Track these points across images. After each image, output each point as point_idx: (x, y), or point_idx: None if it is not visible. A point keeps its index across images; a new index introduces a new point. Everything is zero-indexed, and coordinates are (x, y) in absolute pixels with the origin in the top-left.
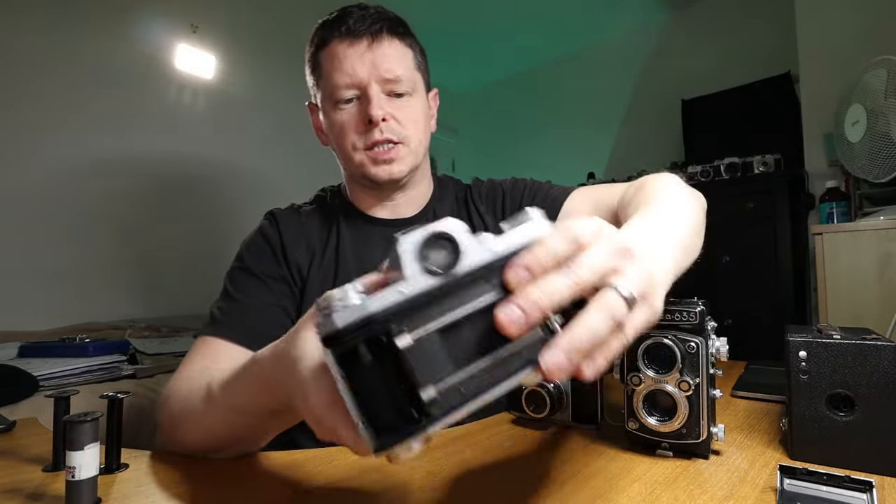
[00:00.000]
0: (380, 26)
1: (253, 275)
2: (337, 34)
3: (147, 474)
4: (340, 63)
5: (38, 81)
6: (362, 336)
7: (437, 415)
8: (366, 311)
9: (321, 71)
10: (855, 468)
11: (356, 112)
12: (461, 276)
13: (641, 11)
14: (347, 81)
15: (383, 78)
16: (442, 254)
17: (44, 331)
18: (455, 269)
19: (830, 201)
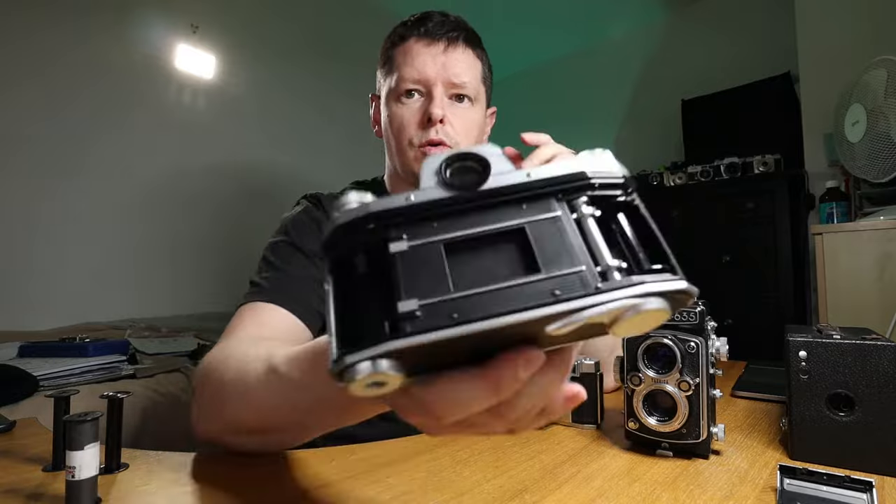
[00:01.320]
0: (457, 34)
1: (298, 249)
2: (415, 33)
3: (147, 474)
4: (413, 59)
5: (37, 80)
6: (357, 239)
7: (408, 330)
8: (365, 210)
9: (392, 65)
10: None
11: (417, 109)
12: (485, 192)
13: (641, 11)
14: (415, 77)
15: (450, 81)
16: (469, 175)
17: (44, 331)
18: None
19: (830, 201)
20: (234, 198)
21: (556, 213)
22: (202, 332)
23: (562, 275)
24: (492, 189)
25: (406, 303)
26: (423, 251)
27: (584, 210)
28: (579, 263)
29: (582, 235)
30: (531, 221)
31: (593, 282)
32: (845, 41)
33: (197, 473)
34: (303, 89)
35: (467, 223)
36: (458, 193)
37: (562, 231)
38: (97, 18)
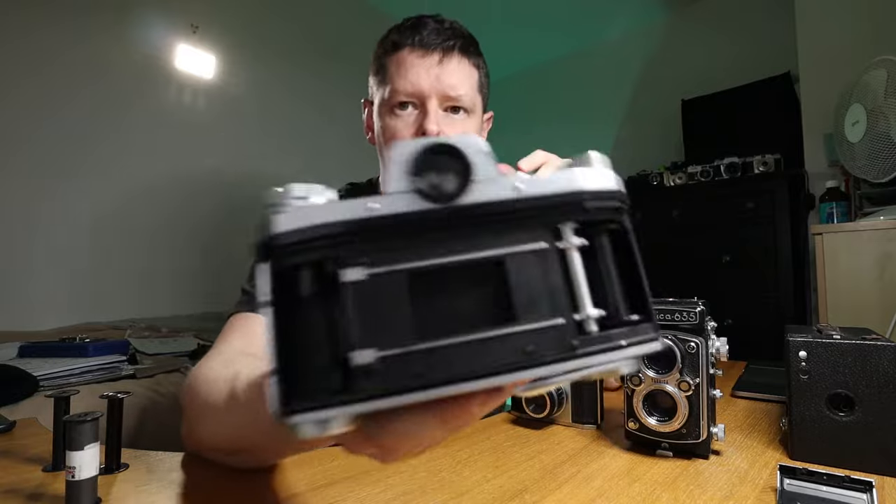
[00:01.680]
0: (453, 43)
1: None
2: (409, 42)
3: (147, 474)
4: (406, 71)
5: (36, 80)
6: (304, 256)
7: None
8: (312, 219)
9: (385, 75)
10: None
11: (412, 122)
12: (463, 209)
13: (641, 11)
14: (409, 90)
15: (445, 94)
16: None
17: (44, 331)
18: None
19: (830, 201)
20: (235, 197)
21: (542, 246)
22: (202, 332)
23: (538, 329)
24: (473, 205)
25: (362, 353)
26: (383, 282)
27: (570, 240)
28: (558, 314)
29: (564, 272)
30: (513, 252)
31: (570, 338)
32: (845, 41)
33: (197, 474)
34: (303, 89)
35: (439, 245)
36: (433, 207)
37: (545, 269)
38: (97, 18)
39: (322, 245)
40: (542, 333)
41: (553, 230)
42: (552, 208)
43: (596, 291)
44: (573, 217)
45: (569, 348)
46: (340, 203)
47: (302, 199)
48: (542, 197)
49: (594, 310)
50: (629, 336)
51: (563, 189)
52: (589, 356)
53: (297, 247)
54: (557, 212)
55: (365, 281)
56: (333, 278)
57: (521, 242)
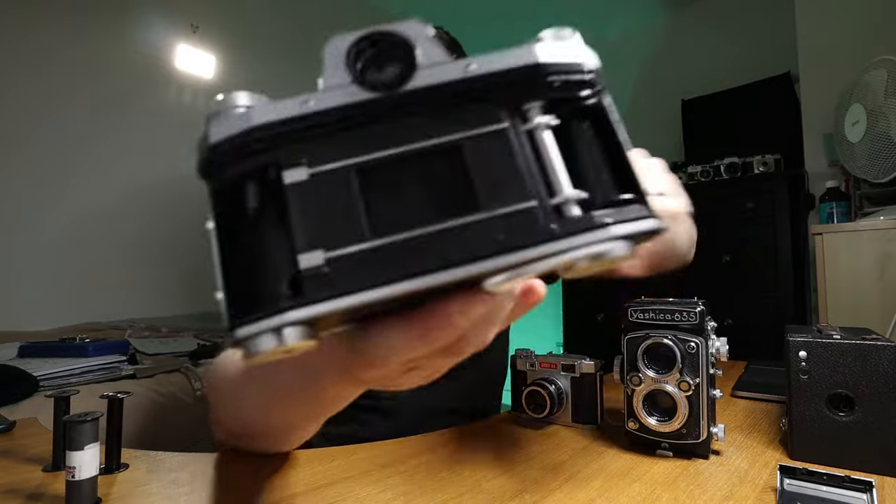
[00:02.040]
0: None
1: None
2: None
3: (147, 474)
4: None
5: (35, 79)
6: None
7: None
8: (247, 122)
9: None
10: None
11: None
12: (409, 94)
13: (641, 11)
14: None
15: None
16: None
17: (44, 331)
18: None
19: (830, 201)
20: None
21: (503, 125)
22: (202, 332)
23: (507, 213)
24: (419, 88)
25: (308, 255)
26: (328, 180)
27: (538, 119)
28: (529, 196)
29: (535, 154)
30: (469, 136)
31: (546, 222)
32: (845, 41)
33: (197, 473)
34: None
35: (386, 137)
36: (374, 95)
37: (509, 149)
38: (96, 18)
39: (260, 149)
40: (512, 219)
41: (518, 111)
42: (511, 86)
43: (576, 174)
44: (537, 95)
45: (545, 232)
46: (275, 103)
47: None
48: (498, 73)
49: (573, 191)
50: (617, 215)
51: (520, 63)
52: (568, 237)
53: (235, 154)
54: (518, 90)
55: (307, 181)
56: (276, 183)
57: (478, 125)
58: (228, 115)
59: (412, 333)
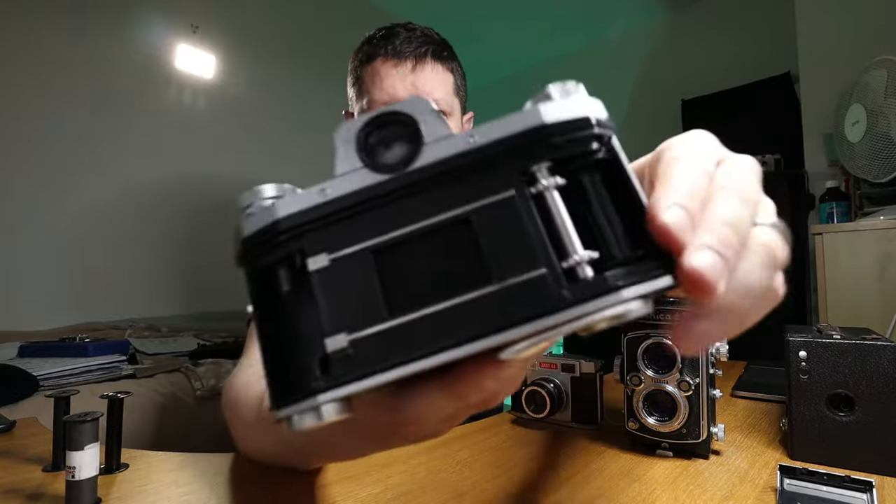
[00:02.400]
0: (425, 49)
1: None
2: (382, 52)
3: (147, 474)
4: (381, 81)
5: (34, 79)
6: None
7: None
8: (272, 216)
9: (362, 86)
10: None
11: None
12: (417, 172)
13: (641, 11)
14: (385, 99)
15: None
16: (398, 147)
17: (44, 331)
18: (412, 162)
19: (830, 201)
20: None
21: (509, 193)
22: (202, 332)
23: (518, 283)
24: (427, 166)
25: (334, 339)
26: (347, 265)
27: (545, 181)
28: (538, 264)
29: (543, 218)
30: (476, 208)
31: (557, 290)
32: (845, 41)
33: (197, 473)
34: (303, 89)
35: (399, 216)
36: (384, 178)
37: (516, 217)
38: (96, 17)
39: (286, 240)
40: (523, 288)
41: (525, 175)
42: (515, 151)
43: (590, 233)
44: (542, 156)
45: (556, 300)
46: (295, 196)
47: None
48: (501, 141)
49: (584, 252)
50: (630, 275)
51: (522, 128)
52: (580, 304)
53: (264, 246)
54: (523, 153)
55: (329, 267)
56: (302, 271)
57: (485, 195)
58: (257, 207)
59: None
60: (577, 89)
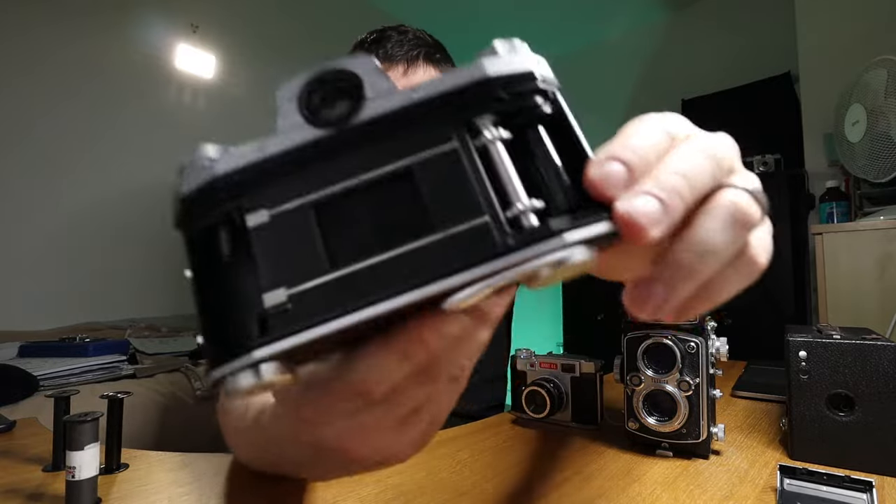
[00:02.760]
0: (416, 52)
1: None
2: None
3: (147, 474)
4: None
5: (33, 79)
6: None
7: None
8: (210, 174)
9: None
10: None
11: None
12: (358, 127)
13: (641, 11)
14: None
15: None
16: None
17: (44, 331)
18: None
19: (830, 201)
20: None
21: (452, 146)
22: None
23: (460, 232)
24: (368, 119)
25: (272, 294)
26: (287, 220)
27: (488, 134)
28: (480, 212)
29: (487, 170)
30: (418, 161)
31: (500, 237)
32: (845, 41)
33: (197, 473)
34: None
35: (340, 170)
36: (325, 133)
37: (459, 169)
38: (95, 17)
39: (225, 198)
40: (466, 237)
41: (469, 129)
42: (458, 105)
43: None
44: (486, 109)
45: (498, 246)
46: (234, 151)
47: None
48: (444, 95)
49: (528, 202)
50: (573, 221)
51: (465, 81)
52: (522, 249)
53: (203, 206)
54: (466, 107)
55: (268, 223)
56: (241, 228)
57: (426, 148)
58: (195, 167)
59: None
60: (522, 46)
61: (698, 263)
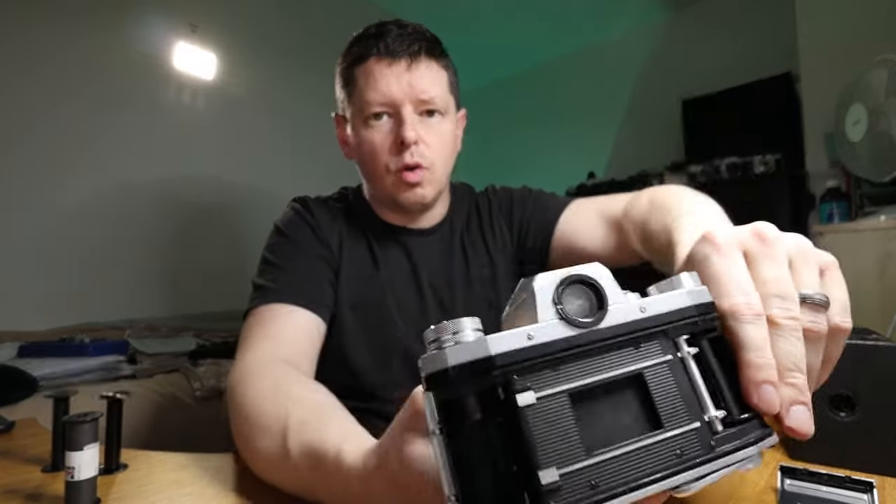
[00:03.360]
0: (418, 47)
1: (299, 247)
2: (375, 52)
3: (147, 474)
4: (376, 81)
5: (33, 79)
6: (476, 384)
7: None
8: (485, 351)
9: (354, 86)
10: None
11: (388, 131)
12: (605, 332)
13: (641, 11)
14: (381, 100)
15: (418, 99)
16: (582, 303)
17: (44, 331)
18: (599, 323)
19: (831, 201)
20: (235, 197)
21: (668, 357)
22: (202, 332)
23: (683, 433)
24: (611, 327)
25: (547, 472)
26: (550, 404)
27: (686, 350)
28: (695, 418)
29: (688, 379)
30: (648, 367)
31: (708, 439)
32: (845, 41)
33: (197, 473)
34: (304, 88)
35: (587, 367)
36: (579, 332)
37: (675, 377)
38: (95, 17)
39: (496, 373)
40: (687, 437)
41: (673, 342)
42: (672, 324)
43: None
44: (688, 330)
45: (710, 448)
46: (503, 336)
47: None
48: (664, 315)
49: (717, 411)
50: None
51: (678, 307)
52: (728, 454)
53: (475, 377)
54: (677, 326)
55: (535, 404)
56: (506, 403)
57: (654, 356)
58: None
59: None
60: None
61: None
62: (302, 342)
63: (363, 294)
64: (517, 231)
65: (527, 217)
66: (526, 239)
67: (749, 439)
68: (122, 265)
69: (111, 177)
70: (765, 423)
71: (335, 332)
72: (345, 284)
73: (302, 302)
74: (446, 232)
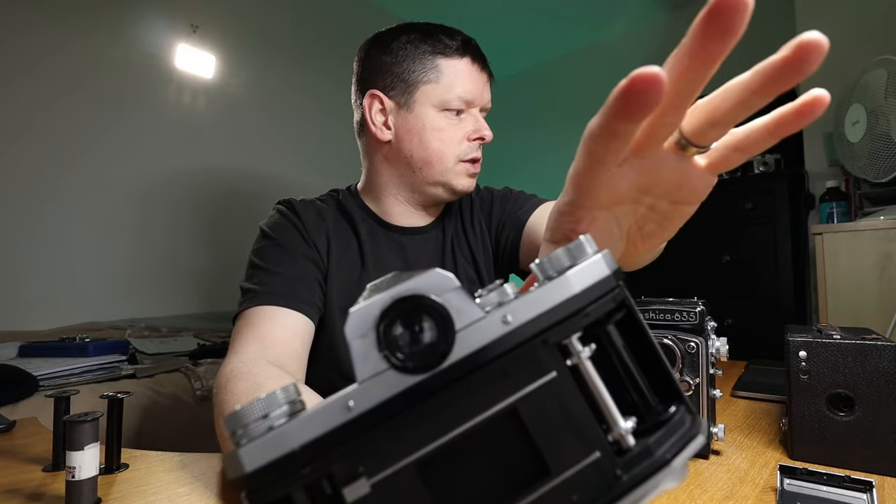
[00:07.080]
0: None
1: (285, 249)
2: (470, 54)
3: (147, 474)
4: (472, 82)
5: (33, 79)
6: (290, 484)
7: None
8: (289, 444)
9: (440, 75)
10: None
11: (464, 125)
12: (458, 367)
13: (641, 11)
14: (467, 97)
15: (486, 107)
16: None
17: (44, 331)
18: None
19: (830, 201)
20: (235, 198)
21: (552, 375)
22: (202, 332)
23: (577, 472)
24: (465, 358)
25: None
26: (390, 486)
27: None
28: (593, 447)
29: (583, 393)
30: (522, 397)
31: (611, 469)
32: (845, 41)
33: (197, 473)
34: (304, 88)
35: (440, 420)
36: (421, 378)
37: (562, 400)
38: (95, 17)
39: (308, 471)
40: (583, 475)
41: (559, 348)
42: (551, 327)
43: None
44: (577, 327)
45: (613, 479)
46: (312, 415)
47: (262, 420)
48: (537, 319)
49: (626, 422)
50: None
51: (558, 301)
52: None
53: (275, 480)
54: (558, 328)
55: (370, 494)
56: (335, 500)
57: (529, 381)
58: (259, 429)
59: None
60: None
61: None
62: (290, 343)
63: (352, 294)
64: (495, 231)
65: (504, 217)
66: (500, 238)
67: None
68: (123, 265)
69: (112, 177)
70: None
71: (325, 332)
72: (334, 284)
73: (290, 303)
74: (439, 231)
